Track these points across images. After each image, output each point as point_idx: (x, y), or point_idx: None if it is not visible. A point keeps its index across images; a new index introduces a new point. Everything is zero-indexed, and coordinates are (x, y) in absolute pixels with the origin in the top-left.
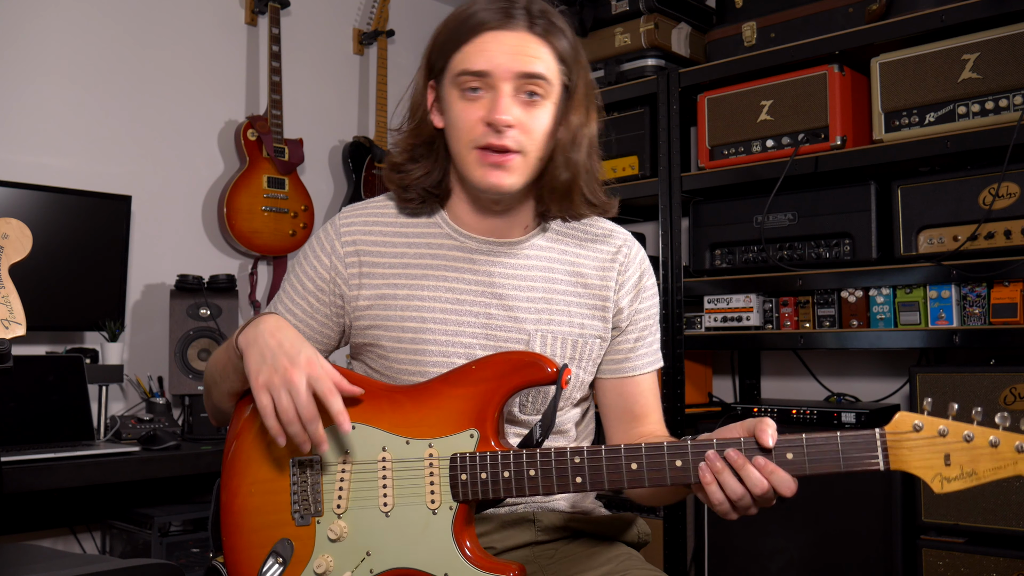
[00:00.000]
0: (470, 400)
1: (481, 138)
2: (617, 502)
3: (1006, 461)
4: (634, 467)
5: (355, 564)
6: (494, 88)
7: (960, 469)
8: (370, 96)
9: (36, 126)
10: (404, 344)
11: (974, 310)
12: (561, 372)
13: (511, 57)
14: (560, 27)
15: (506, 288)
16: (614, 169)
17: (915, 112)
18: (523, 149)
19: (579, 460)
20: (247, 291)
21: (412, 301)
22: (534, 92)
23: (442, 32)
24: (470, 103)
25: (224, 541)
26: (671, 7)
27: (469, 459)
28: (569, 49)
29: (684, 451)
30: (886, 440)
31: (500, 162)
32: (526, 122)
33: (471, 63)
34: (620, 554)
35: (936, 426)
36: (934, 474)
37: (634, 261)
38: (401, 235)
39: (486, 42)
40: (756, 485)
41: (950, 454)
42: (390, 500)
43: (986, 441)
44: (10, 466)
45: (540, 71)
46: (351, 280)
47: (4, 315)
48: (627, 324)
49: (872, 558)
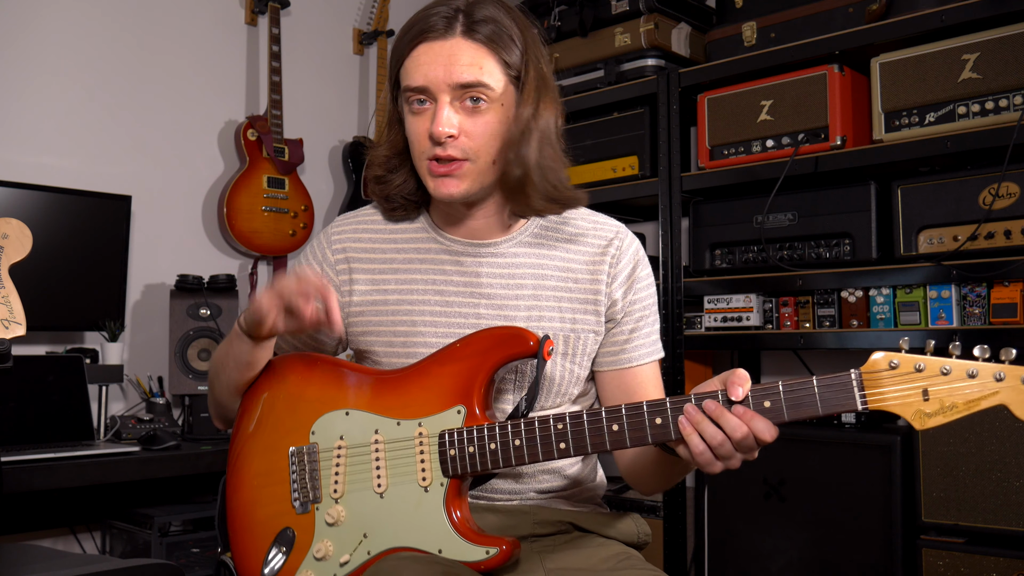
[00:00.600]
0: (456, 377)
1: (428, 151)
2: (617, 502)
3: (985, 391)
4: (615, 428)
5: (353, 547)
6: (435, 100)
7: (939, 403)
8: (370, 96)
9: (36, 126)
10: (396, 348)
11: (974, 310)
12: (542, 343)
13: (445, 69)
14: (503, 30)
15: (494, 287)
16: (614, 169)
17: (915, 112)
18: (470, 156)
19: (562, 426)
20: (247, 291)
21: (402, 305)
22: (477, 98)
23: (395, 42)
24: (417, 117)
25: (231, 537)
26: (671, 7)
27: (456, 434)
28: (517, 50)
29: (663, 408)
30: (862, 379)
31: (448, 172)
32: (471, 128)
33: (410, 79)
34: (619, 553)
35: (913, 362)
36: (913, 411)
37: (627, 253)
38: (389, 240)
39: (421, 55)
40: (735, 430)
41: (928, 389)
42: (384, 481)
43: (964, 373)
44: (10, 466)
45: (476, 79)
46: (342, 287)
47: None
48: (622, 316)
49: (872, 558)
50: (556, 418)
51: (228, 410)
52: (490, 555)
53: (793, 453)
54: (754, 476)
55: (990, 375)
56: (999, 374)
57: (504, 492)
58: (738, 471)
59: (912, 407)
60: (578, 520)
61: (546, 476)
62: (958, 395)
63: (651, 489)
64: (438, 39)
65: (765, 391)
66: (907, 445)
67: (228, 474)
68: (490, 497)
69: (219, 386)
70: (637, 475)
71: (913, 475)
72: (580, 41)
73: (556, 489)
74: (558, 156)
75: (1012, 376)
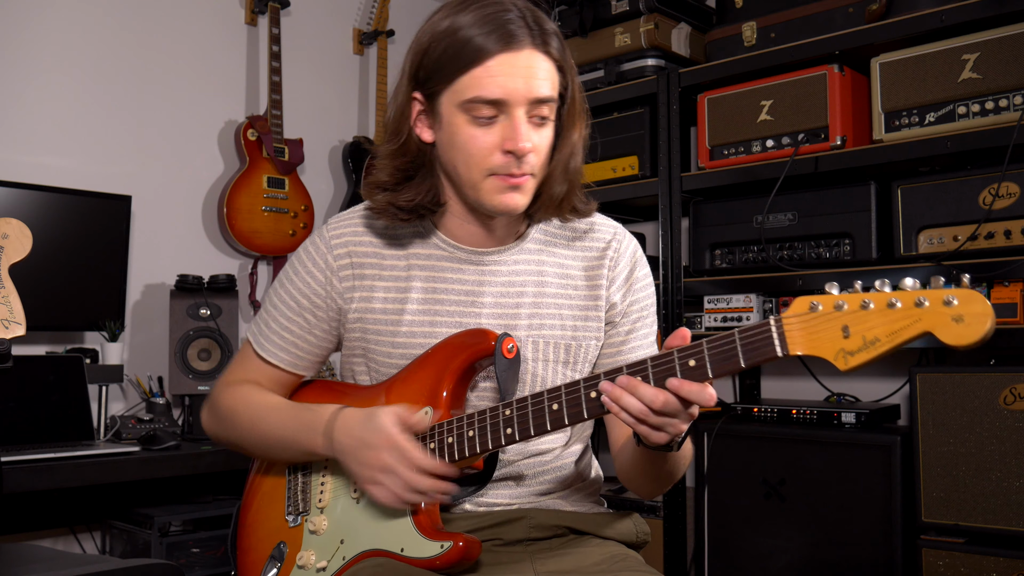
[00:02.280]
0: (426, 381)
1: (501, 167)
2: (617, 502)
3: (909, 320)
4: (555, 407)
5: (331, 553)
6: (508, 114)
7: (862, 339)
8: (370, 96)
9: (36, 126)
10: (395, 360)
11: None
12: (500, 341)
13: (525, 83)
14: (553, 31)
15: (495, 296)
16: (614, 169)
17: (915, 112)
18: (534, 171)
19: (508, 412)
20: (247, 291)
21: (403, 316)
22: (543, 115)
23: (436, 49)
24: (482, 129)
25: (239, 557)
26: (671, 7)
27: (420, 436)
28: (566, 56)
29: (597, 382)
30: (782, 325)
31: (518, 184)
32: (537, 143)
33: (485, 90)
34: (615, 555)
35: (833, 302)
36: (836, 350)
37: (625, 255)
38: (391, 247)
39: (498, 67)
40: (653, 399)
41: (848, 325)
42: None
43: (885, 304)
44: (10, 466)
45: (550, 93)
46: (346, 293)
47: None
48: (620, 317)
49: (872, 558)
50: (505, 405)
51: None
52: (444, 549)
53: (793, 453)
54: (754, 476)
55: (911, 302)
56: (921, 299)
57: (504, 498)
58: (738, 471)
59: (834, 347)
60: (575, 522)
61: (544, 478)
62: (880, 328)
63: (647, 491)
64: (513, 50)
65: (689, 350)
66: (907, 445)
67: (243, 496)
68: (489, 503)
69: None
70: (629, 475)
71: (913, 475)
72: (580, 41)
73: (554, 490)
74: (582, 167)
75: (935, 300)
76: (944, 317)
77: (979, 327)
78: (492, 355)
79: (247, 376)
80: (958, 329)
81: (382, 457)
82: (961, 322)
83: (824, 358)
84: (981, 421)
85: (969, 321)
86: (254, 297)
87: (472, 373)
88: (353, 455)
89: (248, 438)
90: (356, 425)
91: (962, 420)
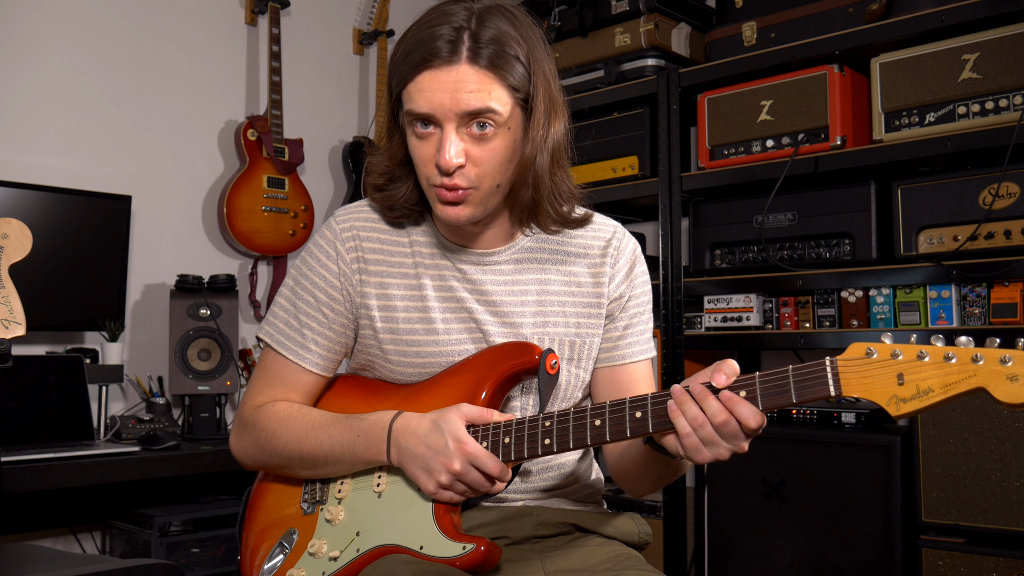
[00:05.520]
0: (463, 387)
1: (434, 178)
2: (618, 502)
3: (963, 375)
4: (597, 423)
5: (345, 544)
6: (440, 127)
7: (915, 388)
8: (370, 96)
9: (36, 126)
10: (411, 358)
11: (974, 310)
12: (544, 357)
13: (451, 97)
14: (509, 51)
15: (500, 295)
16: (614, 169)
17: (915, 112)
18: (476, 184)
19: (549, 424)
20: (247, 291)
21: (412, 312)
22: (484, 123)
23: (396, 54)
24: (421, 141)
25: (244, 539)
26: (671, 7)
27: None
28: (523, 69)
29: (644, 403)
30: (837, 367)
31: (454, 199)
32: (478, 155)
33: (415, 104)
34: (620, 554)
35: (890, 350)
36: (888, 396)
37: (625, 251)
38: (397, 243)
39: (426, 81)
40: (716, 414)
41: (903, 373)
42: (383, 481)
43: (941, 357)
44: (10, 466)
45: (484, 106)
46: (358, 287)
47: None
48: (619, 311)
49: (872, 558)
50: (545, 416)
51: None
52: (465, 551)
53: (793, 453)
54: (754, 476)
55: (968, 358)
56: (977, 356)
57: (510, 492)
58: (738, 471)
59: (887, 393)
60: (580, 520)
61: (548, 474)
62: (934, 379)
63: (640, 490)
64: (443, 66)
65: (742, 380)
66: (907, 445)
67: (257, 480)
68: (498, 497)
69: (307, 470)
70: (629, 473)
71: (913, 475)
72: (580, 41)
73: (558, 486)
74: (566, 169)
75: (991, 358)
76: (999, 376)
77: None
78: (534, 368)
79: (272, 392)
80: (1011, 388)
81: (453, 465)
82: (1015, 381)
83: (876, 403)
84: (981, 421)
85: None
86: (254, 297)
87: (511, 384)
88: (424, 463)
89: (294, 458)
90: (424, 432)
91: (962, 420)
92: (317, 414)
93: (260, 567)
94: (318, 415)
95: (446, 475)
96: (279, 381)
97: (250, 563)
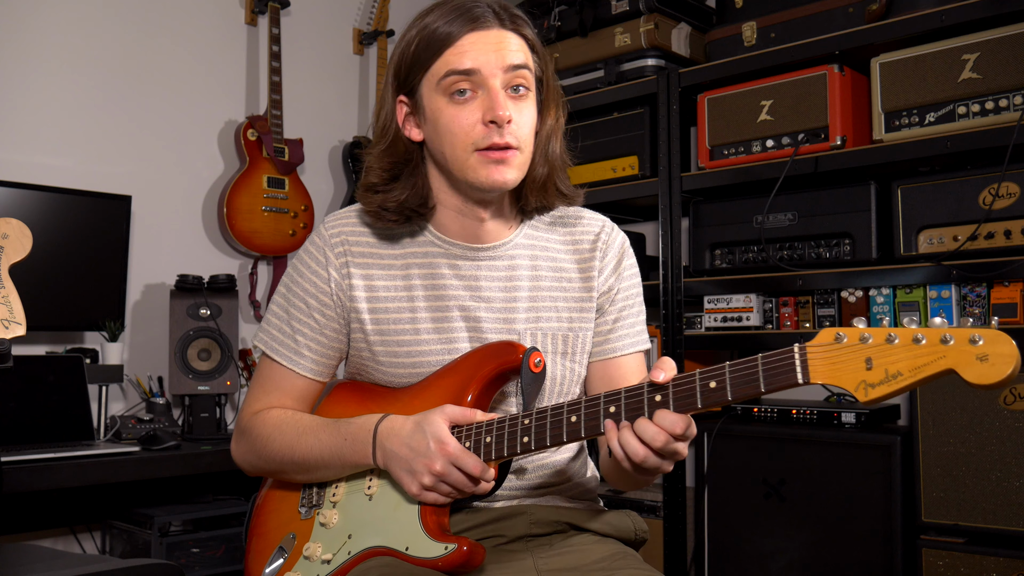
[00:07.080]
0: (450, 388)
1: (483, 139)
2: (615, 501)
3: (932, 356)
4: (573, 419)
5: (337, 547)
6: (485, 86)
7: (884, 372)
8: (370, 96)
9: (36, 126)
10: (401, 359)
11: (974, 310)
12: (527, 355)
13: (496, 52)
14: (523, 19)
15: (493, 291)
16: (614, 169)
17: (915, 112)
18: (520, 145)
19: (528, 421)
20: (247, 291)
21: (403, 313)
22: (520, 85)
23: (410, 48)
24: (461, 106)
25: (249, 544)
26: (671, 7)
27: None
28: (538, 40)
29: (618, 397)
30: (806, 354)
31: (502, 158)
32: (517, 118)
33: (457, 63)
34: (615, 553)
35: (859, 334)
36: (857, 382)
37: (613, 245)
38: (387, 245)
39: (468, 43)
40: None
41: (872, 358)
42: (374, 484)
43: (910, 339)
44: (10, 466)
45: (525, 61)
46: (348, 291)
47: (4, 315)
48: (609, 304)
49: (872, 558)
50: (524, 415)
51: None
52: (447, 551)
53: (793, 453)
54: (754, 476)
55: (937, 339)
56: (947, 337)
57: (503, 491)
58: (738, 471)
59: (855, 379)
60: (574, 518)
61: (541, 472)
62: (903, 362)
63: (630, 488)
64: (485, 28)
65: (712, 372)
66: (907, 445)
67: (261, 486)
68: (492, 497)
69: (301, 474)
70: (614, 474)
71: (913, 475)
72: (580, 41)
73: (551, 484)
74: (566, 156)
75: (960, 339)
76: (968, 355)
77: (1003, 367)
78: (519, 368)
79: (269, 398)
80: (981, 368)
81: (435, 467)
82: (985, 361)
83: (844, 388)
84: (981, 421)
85: (993, 361)
86: (254, 297)
87: (499, 384)
88: (407, 465)
89: (287, 463)
90: (407, 434)
91: (962, 420)
92: (308, 419)
93: (262, 571)
94: (309, 420)
95: (428, 476)
96: (275, 387)
97: (254, 567)
